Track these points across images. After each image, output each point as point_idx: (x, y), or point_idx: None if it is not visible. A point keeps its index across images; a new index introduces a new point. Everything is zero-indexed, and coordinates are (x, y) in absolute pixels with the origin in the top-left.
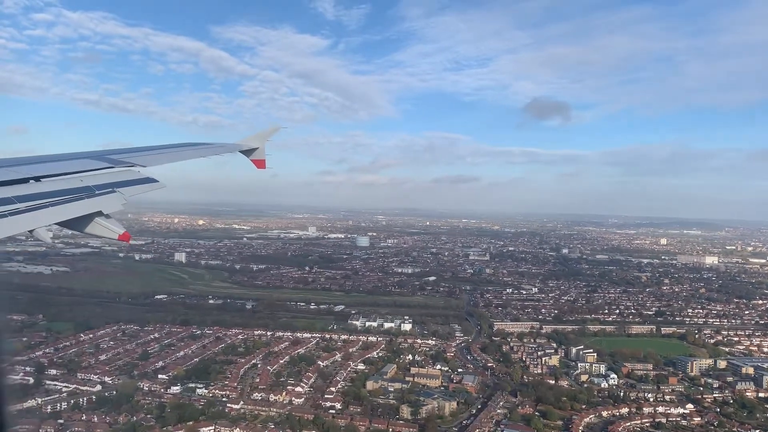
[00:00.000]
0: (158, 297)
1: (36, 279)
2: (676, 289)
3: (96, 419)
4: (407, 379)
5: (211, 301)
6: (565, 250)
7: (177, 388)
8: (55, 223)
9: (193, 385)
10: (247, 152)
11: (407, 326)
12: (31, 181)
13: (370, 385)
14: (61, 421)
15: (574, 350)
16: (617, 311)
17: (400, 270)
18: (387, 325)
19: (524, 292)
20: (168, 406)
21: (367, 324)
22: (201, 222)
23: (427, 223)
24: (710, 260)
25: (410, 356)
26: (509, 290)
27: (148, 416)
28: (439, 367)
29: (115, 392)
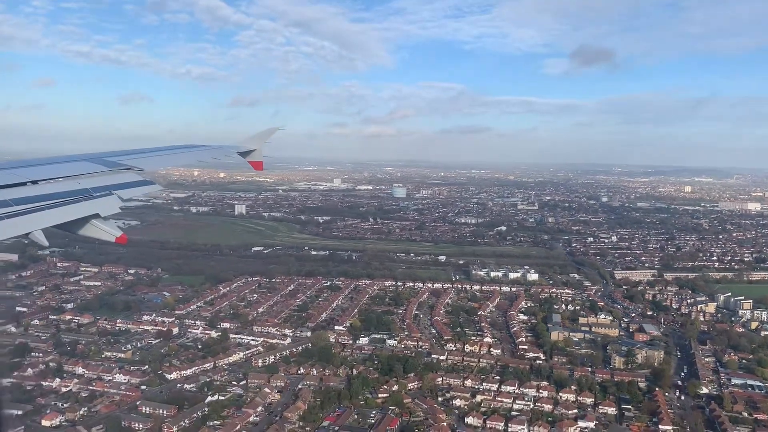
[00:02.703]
0: (256, 249)
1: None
2: (749, 236)
3: (315, 372)
4: (583, 328)
5: (313, 253)
6: (604, 199)
7: (365, 339)
8: (52, 226)
9: (377, 336)
10: (244, 154)
11: (534, 276)
12: (28, 183)
13: (554, 335)
14: (281, 373)
15: (722, 297)
16: (714, 258)
17: (462, 220)
18: (512, 275)
19: (606, 241)
20: (379, 358)
21: (492, 274)
22: (222, 175)
23: (442, 174)
24: (752, 206)
25: (563, 306)
26: (590, 239)
27: (370, 368)
28: (603, 316)
29: (310, 345)
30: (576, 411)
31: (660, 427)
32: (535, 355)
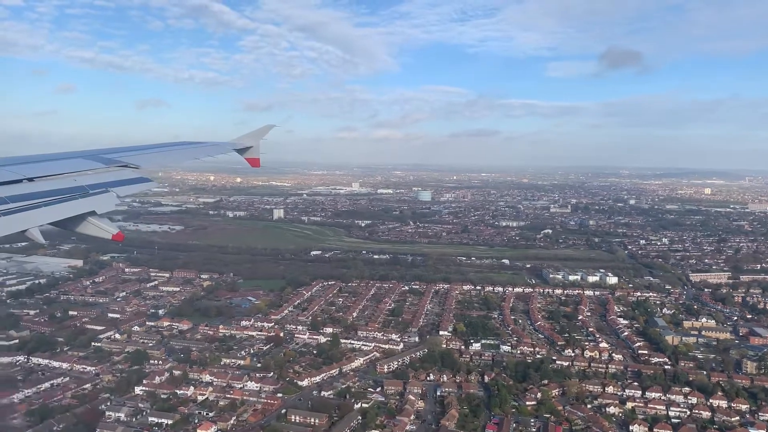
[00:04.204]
0: (314, 253)
1: (172, 238)
2: None
3: (445, 378)
4: (692, 332)
5: (375, 257)
6: (631, 201)
7: (477, 345)
8: (48, 223)
9: (487, 341)
10: (241, 151)
11: (612, 279)
12: (24, 181)
13: (669, 339)
14: (411, 379)
15: None
16: None
17: (503, 224)
18: (591, 278)
19: (658, 243)
20: (507, 363)
21: (571, 278)
22: (239, 180)
23: (455, 177)
24: None
25: (658, 309)
26: (642, 242)
27: (503, 375)
28: (704, 319)
29: (426, 350)
30: (738, 418)
31: None
32: (660, 360)
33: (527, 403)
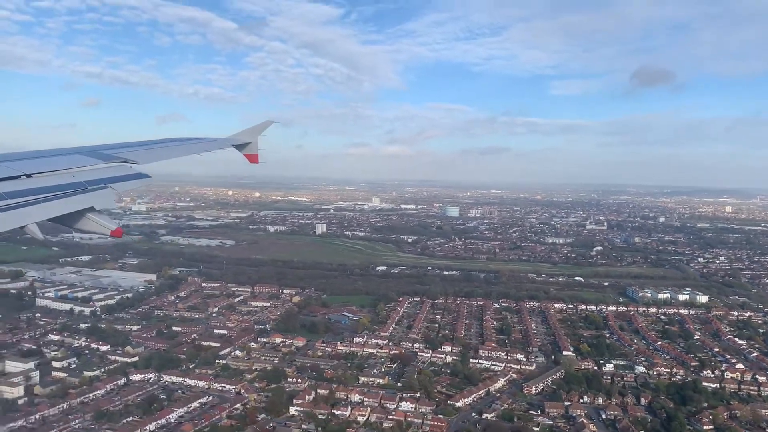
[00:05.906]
0: (380, 268)
1: (230, 252)
2: None
3: (600, 400)
4: None
5: (445, 273)
6: (661, 219)
7: (610, 366)
8: (47, 219)
9: (618, 362)
10: (240, 147)
11: (703, 298)
12: (22, 177)
13: None
14: (566, 402)
15: None
16: None
17: (549, 240)
18: (680, 297)
19: (717, 261)
20: (658, 386)
21: (661, 296)
22: (257, 194)
23: (468, 193)
24: None
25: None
26: (700, 260)
27: (661, 397)
28: None
29: (564, 371)
30: None
31: None
32: None
33: (704, 427)
